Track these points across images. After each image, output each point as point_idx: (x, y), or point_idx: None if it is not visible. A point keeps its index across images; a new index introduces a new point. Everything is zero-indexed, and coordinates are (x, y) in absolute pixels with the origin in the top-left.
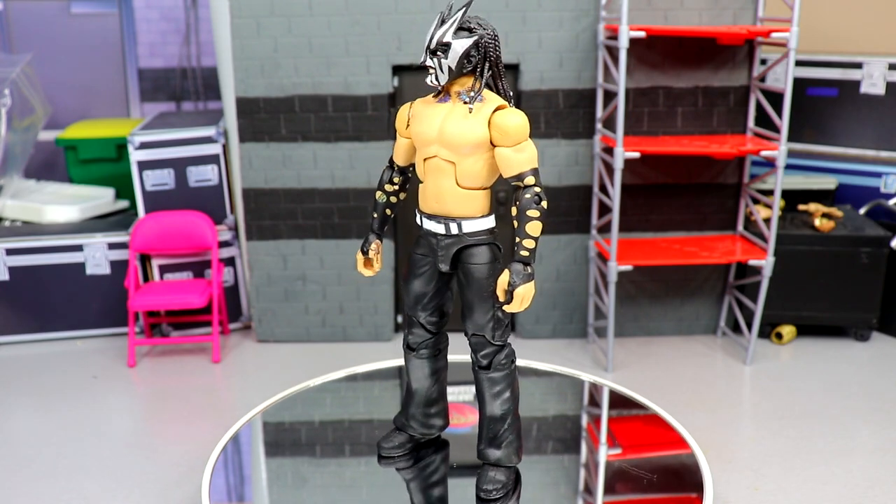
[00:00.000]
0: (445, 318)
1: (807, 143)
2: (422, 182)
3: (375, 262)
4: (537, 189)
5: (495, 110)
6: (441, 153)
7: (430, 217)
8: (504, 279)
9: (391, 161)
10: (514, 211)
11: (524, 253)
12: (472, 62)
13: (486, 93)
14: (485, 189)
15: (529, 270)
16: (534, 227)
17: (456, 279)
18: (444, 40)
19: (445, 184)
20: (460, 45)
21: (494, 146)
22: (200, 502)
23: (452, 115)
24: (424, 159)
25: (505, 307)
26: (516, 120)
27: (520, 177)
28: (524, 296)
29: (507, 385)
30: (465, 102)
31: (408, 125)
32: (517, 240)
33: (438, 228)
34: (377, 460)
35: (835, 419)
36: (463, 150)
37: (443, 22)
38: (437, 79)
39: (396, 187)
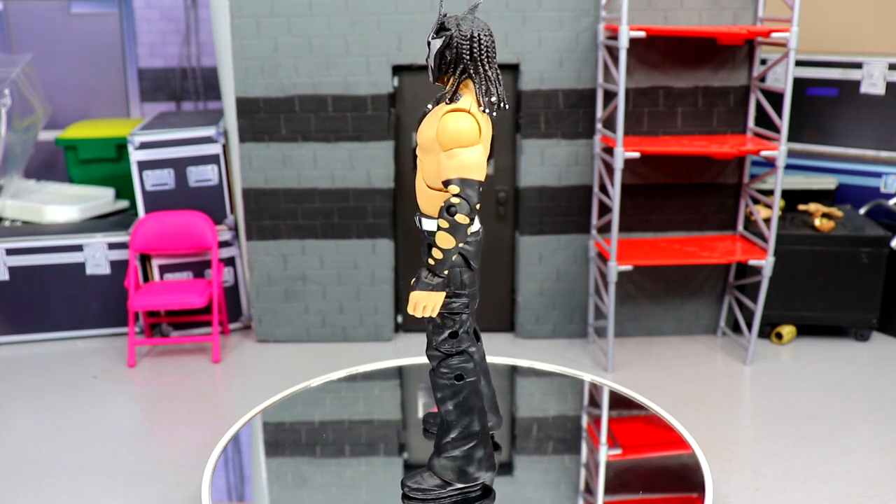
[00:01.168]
0: None
1: (807, 143)
2: None
3: None
4: (455, 200)
5: (445, 113)
6: (418, 149)
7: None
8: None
9: None
10: None
11: (430, 262)
12: (447, 62)
13: (469, 95)
14: (443, 191)
15: (432, 281)
16: (441, 238)
17: None
18: (428, 39)
19: (418, 178)
20: (434, 46)
21: None
22: (200, 502)
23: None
24: None
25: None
26: (449, 124)
27: (445, 183)
28: (418, 302)
29: (448, 396)
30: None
31: None
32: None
33: (415, 220)
34: (422, 433)
35: (835, 419)
36: (422, 147)
37: None
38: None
39: None
